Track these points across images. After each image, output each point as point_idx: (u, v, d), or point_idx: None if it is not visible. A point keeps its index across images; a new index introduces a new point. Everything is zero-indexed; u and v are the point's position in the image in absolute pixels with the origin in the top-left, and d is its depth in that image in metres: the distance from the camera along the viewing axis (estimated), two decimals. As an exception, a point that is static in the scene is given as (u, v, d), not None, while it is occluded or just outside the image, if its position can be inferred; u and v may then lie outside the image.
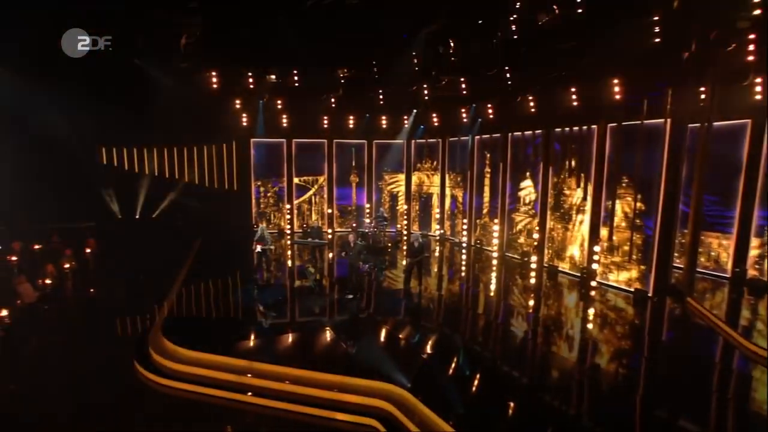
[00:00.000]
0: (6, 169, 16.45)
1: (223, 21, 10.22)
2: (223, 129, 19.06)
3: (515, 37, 10.77)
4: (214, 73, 15.09)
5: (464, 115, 17.52)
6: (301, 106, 18.40)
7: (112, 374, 8.24)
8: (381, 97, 17.08)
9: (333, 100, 17.27)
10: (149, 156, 19.61)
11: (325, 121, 19.56)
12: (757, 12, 8.77)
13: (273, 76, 15.15)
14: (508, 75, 13.10)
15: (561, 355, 8.77)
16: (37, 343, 9.33)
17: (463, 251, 17.62)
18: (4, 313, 8.65)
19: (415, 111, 17.73)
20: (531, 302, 12.07)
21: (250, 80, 15.61)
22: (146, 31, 10.89)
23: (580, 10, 9.60)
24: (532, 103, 14.46)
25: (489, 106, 16.19)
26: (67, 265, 12.92)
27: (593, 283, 12.70)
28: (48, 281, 11.07)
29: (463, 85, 14.82)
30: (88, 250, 15.28)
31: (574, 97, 12.82)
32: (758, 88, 10.50)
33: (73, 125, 17.01)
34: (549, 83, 12.57)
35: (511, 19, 10.43)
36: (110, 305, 11.67)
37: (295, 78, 15.20)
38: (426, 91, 15.98)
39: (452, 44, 11.59)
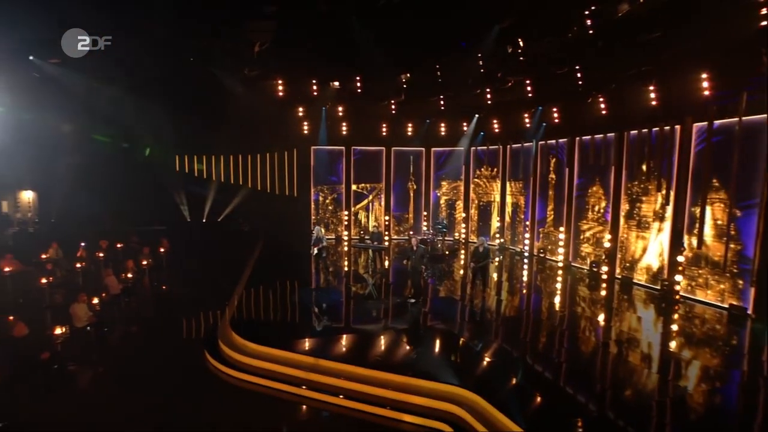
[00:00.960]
0: (98, 177, 17.84)
1: (296, 26, 10.34)
2: (285, 137, 19.48)
3: (590, 32, 10.07)
4: (280, 81, 15.43)
5: (527, 120, 16.77)
6: (361, 113, 18.45)
7: (184, 363, 8.43)
8: (442, 102, 16.72)
9: (393, 106, 17.13)
10: (217, 163, 20.47)
11: (384, 129, 19.49)
12: None
13: (336, 83, 15.24)
14: (579, 75, 12.32)
15: (636, 366, 7.79)
16: (121, 329, 9.83)
17: (525, 261, 16.71)
18: (95, 301, 9.03)
19: (477, 116, 17.19)
20: (605, 314, 11.02)
21: (314, 87, 15.81)
22: (224, 38, 11.27)
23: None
24: (603, 105, 13.54)
25: (554, 109, 15.38)
26: (144, 262, 13.53)
27: (677, 297, 11.45)
28: (129, 275, 11.61)
29: (529, 88, 14.15)
30: (162, 250, 15.98)
31: (653, 95, 11.81)
32: None
33: (156, 136, 18.25)
34: (625, 81, 11.65)
35: (587, 12, 9.76)
36: (182, 299, 12.12)
37: (358, 84, 15.18)
38: (489, 95, 15.44)
39: (521, 43, 11.06)
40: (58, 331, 7.36)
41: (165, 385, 7.48)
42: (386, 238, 19.54)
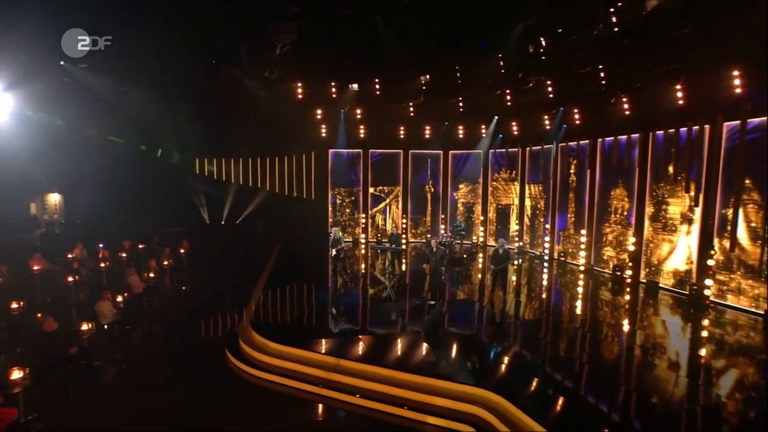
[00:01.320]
0: (121, 179, 18.15)
1: (317, 26, 10.31)
2: (303, 140, 19.47)
3: (616, 29, 9.80)
4: (300, 84, 15.44)
5: (547, 122, 16.46)
6: (379, 116, 18.37)
7: (206, 361, 8.44)
8: (461, 104, 16.53)
9: (411, 108, 17.01)
10: (236, 166, 20.62)
11: (402, 132, 19.37)
12: None
13: (355, 85, 15.19)
14: (602, 74, 12.03)
15: (665, 372, 7.43)
16: (144, 328, 9.86)
17: (545, 264, 16.35)
18: (119, 299, 9.07)
19: (496, 118, 16.95)
20: (630, 319, 10.64)
21: (333, 90, 15.78)
22: (247, 40, 11.30)
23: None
24: (626, 105, 13.19)
25: (575, 111, 15.06)
26: (165, 262, 13.60)
27: (706, 302, 11.01)
28: (151, 275, 11.67)
29: (550, 88, 13.88)
30: (182, 251, 16.08)
31: (680, 94, 11.44)
32: None
33: (176, 139, 18.48)
34: (651, 80, 11.31)
35: (613, 10, 9.50)
36: (203, 299, 12.21)
37: (377, 86, 15.10)
38: (509, 97, 15.20)
39: (543, 42, 10.84)
40: (84, 327, 7.34)
41: (187, 383, 7.48)
42: (403, 241, 19.39)
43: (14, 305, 8.48)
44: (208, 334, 10.01)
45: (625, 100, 13.06)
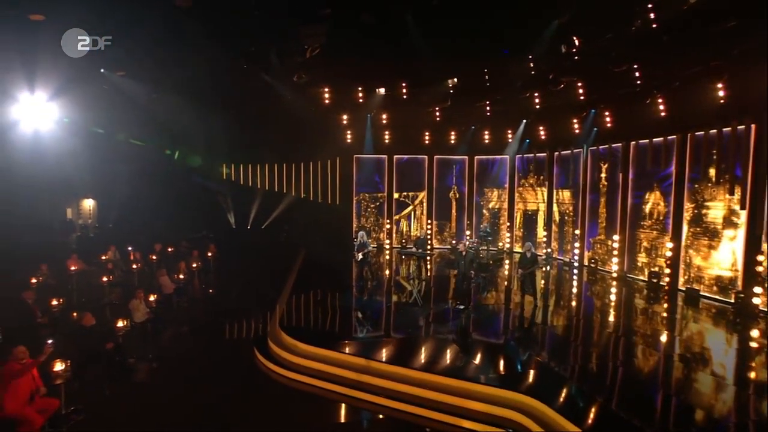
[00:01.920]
0: (151, 184, 18.51)
1: (348, 26, 10.24)
2: (328, 145, 19.46)
3: (654, 25, 9.39)
4: (327, 89, 15.43)
5: (576, 125, 15.99)
6: (404, 121, 18.20)
7: (236, 361, 8.41)
8: (488, 108, 16.22)
9: (438, 113, 16.80)
10: (262, 172, 20.79)
11: (427, 137, 19.17)
12: None
13: (383, 90, 15.08)
14: (637, 74, 11.56)
15: (711, 383, 6.87)
16: (174, 327, 9.98)
17: (575, 271, 15.75)
18: (151, 298, 9.13)
19: (524, 121, 16.57)
20: (671, 328, 10.03)
21: (360, 94, 15.71)
22: (279, 44, 11.32)
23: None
24: (662, 106, 12.66)
25: (607, 113, 14.55)
26: (194, 265, 13.69)
27: (755, 311, 10.29)
28: (181, 276, 11.74)
29: (581, 90, 13.45)
30: (210, 254, 16.21)
31: (721, 93, 10.87)
32: None
33: (207, 146, 18.78)
34: (690, 78, 10.79)
35: (651, 5, 9.10)
36: (231, 301, 12.25)
37: (404, 91, 14.95)
38: (537, 100, 14.82)
39: (577, 41, 10.50)
40: (120, 324, 7.41)
41: (217, 382, 7.43)
42: (429, 246, 19.07)
43: (54, 302, 8.76)
44: (237, 335, 9.96)
45: (660, 100, 12.53)
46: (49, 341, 5.73)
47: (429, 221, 19.63)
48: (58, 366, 5.80)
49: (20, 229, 16.30)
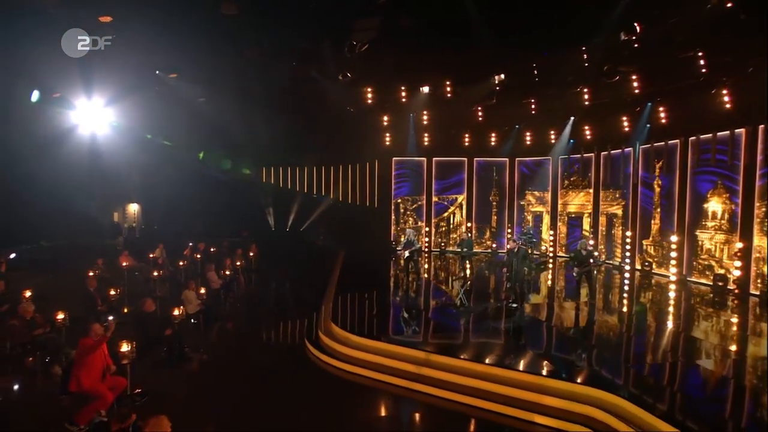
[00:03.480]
0: (192, 186, 18.67)
1: (405, 16, 9.84)
2: (367, 148, 19.17)
3: (729, 4, 8.60)
4: (369, 89, 15.11)
5: (625, 123, 15.10)
6: (444, 123, 17.70)
7: (288, 353, 8.33)
8: (533, 107, 15.52)
9: (480, 112, 16.21)
10: (301, 175, 20.69)
11: (467, 139, 18.59)
12: None
13: (426, 88, 14.63)
14: (703, 61, 10.69)
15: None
16: (225, 319, 9.94)
17: (626, 275, 14.72)
18: (202, 291, 9.18)
19: (572, 119, 15.79)
20: (750, 329, 9.01)
21: (404, 94, 15.30)
22: (332, 39, 11.05)
23: None
24: (727, 97, 11.69)
25: (661, 108, 13.63)
26: (238, 263, 13.58)
27: None
28: (227, 272, 11.63)
29: (635, 84, 12.62)
30: (252, 254, 16.16)
31: (800, 79, 9.88)
32: None
33: (251, 149, 18.86)
34: (763, 65, 9.85)
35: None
36: (276, 297, 12.36)
37: (448, 89, 14.45)
38: (586, 96, 14.05)
39: (638, 27, 9.77)
40: (176, 312, 7.30)
41: (272, 371, 7.39)
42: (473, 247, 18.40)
43: (112, 292, 9.04)
44: (286, 328, 9.74)
45: (725, 92, 11.59)
46: (111, 317, 5.61)
47: (469, 224, 18.92)
48: (125, 347, 5.67)
49: (75, 230, 16.81)
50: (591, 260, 10.47)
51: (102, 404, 5.22)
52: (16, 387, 6.38)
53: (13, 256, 13.30)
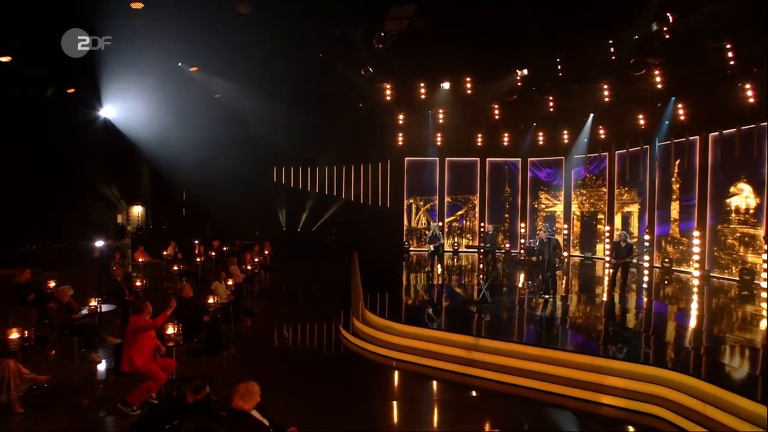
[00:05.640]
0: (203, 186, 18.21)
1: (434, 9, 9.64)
2: (381, 148, 18.97)
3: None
4: (388, 85, 14.86)
5: (642, 121, 15.04)
6: (458, 123, 17.57)
7: (325, 340, 8.28)
8: (551, 105, 15.39)
9: (497, 111, 16.05)
10: (312, 174, 20.33)
11: (480, 140, 18.44)
12: None
13: (447, 84, 14.42)
14: (730, 54, 10.64)
15: None
16: (253, 310, 9.68)
17: (645, 272, 14.51)
18: (230, 282, 9.04)
19: (591, 115, 15.69)
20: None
21: (422, 90, 15.08)
22: (365, 28, 10.81)
23: None
24: (750, 91, 11.65)
25: (680, 105, 13.59)
26: (256, 259, 13.16)
27: None
28: (248, 267, 11.23)
29: (658, 78, 12.54)
30: (267, 252, 15.70)
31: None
32: None
33: (271, 151, 18.54)
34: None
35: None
36: (299, 290, 12.18)
37: (468, 85, 14.26)
38: (606, 92, 13.95)
39: (671, 17, 9.69)
40: (210, 300, 6.88)
41: (310, 357, 7.39)
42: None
43: (138, 283, 8.99)
44: (318, 317, 9.48)
45: (748, 86, 11.54)
46: (174, 298, 5.27)
47: (482, 224, 18.64)
48: (170, 329, 5.33)
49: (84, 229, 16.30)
50: (631, 253, 10.21)
51: (155, 385, 4.88)
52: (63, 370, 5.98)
53: None
